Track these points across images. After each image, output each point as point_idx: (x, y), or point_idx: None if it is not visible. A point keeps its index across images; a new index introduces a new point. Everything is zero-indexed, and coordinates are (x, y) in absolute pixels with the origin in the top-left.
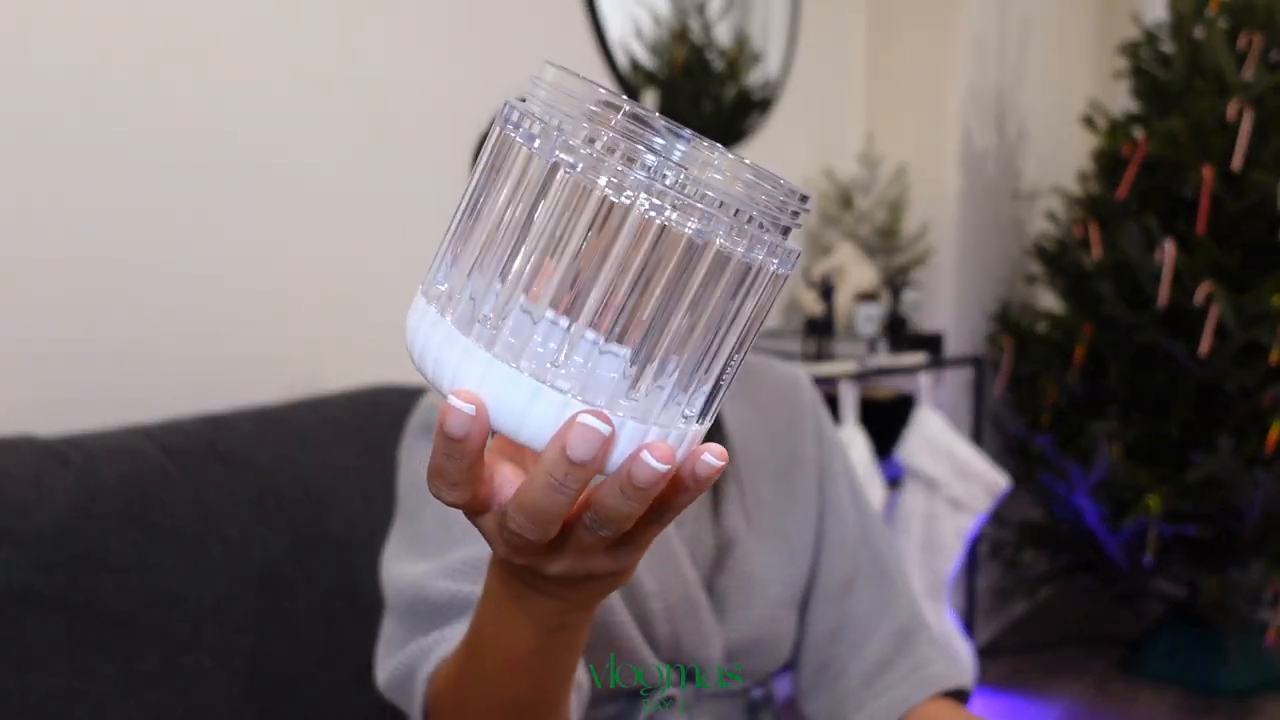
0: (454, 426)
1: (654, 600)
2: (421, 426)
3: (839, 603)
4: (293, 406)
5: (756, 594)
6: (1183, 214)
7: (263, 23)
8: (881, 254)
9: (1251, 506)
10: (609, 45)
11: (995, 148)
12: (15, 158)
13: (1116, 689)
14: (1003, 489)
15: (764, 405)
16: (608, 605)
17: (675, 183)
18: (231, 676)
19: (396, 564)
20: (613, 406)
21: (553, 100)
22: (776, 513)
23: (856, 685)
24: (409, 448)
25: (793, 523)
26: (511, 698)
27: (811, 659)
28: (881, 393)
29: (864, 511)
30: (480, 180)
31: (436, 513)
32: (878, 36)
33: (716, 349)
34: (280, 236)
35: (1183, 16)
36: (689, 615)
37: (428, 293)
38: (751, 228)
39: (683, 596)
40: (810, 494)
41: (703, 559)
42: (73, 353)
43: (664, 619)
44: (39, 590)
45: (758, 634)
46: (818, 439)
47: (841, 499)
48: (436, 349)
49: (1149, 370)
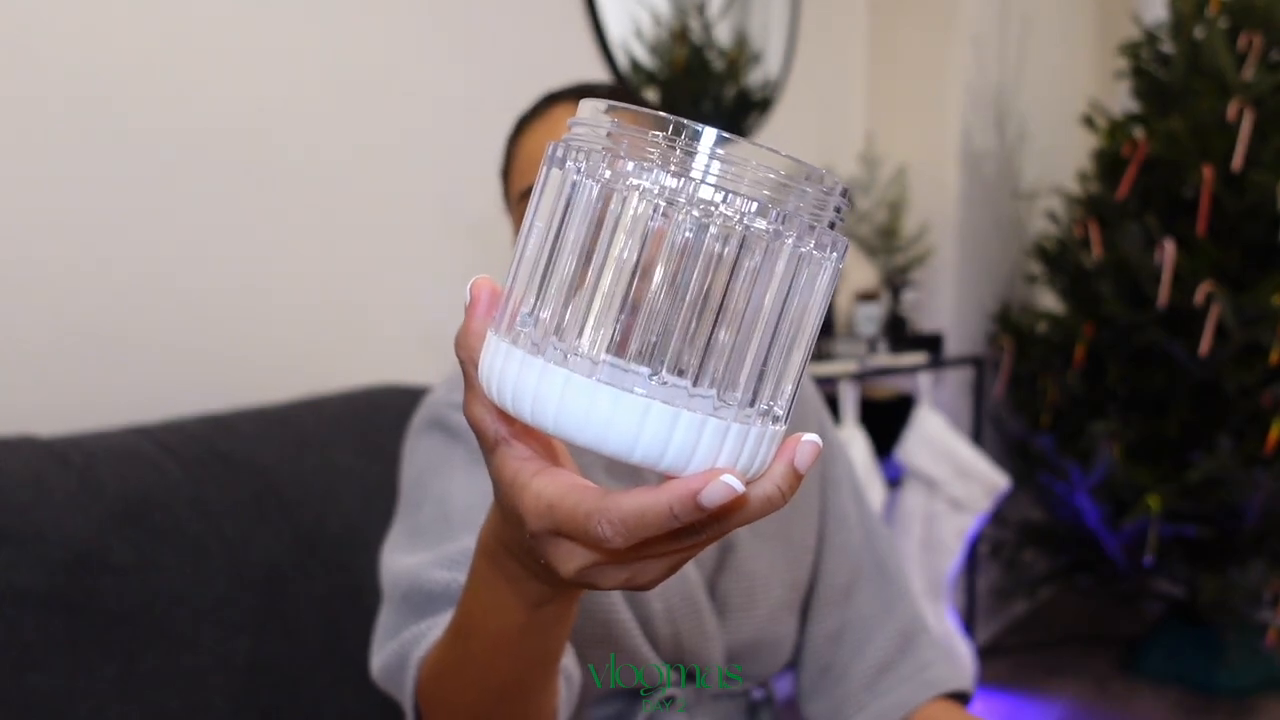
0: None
1: (655, 600)
2: (429, 423)
3: (841, 606)
4: (293, 407)
5: (759, 596)
6: (1183, 214)
7: (267, 24)
8: (882, 254)
9: (1251, 506)
10: (609, 45)
11: (995, 147)
12: (14, 158)
13: (1116, 689)
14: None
15: None
16: (609, 604)
17: (732, 191)
18: (231, 676)
19: (394, 555)
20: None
21: (599, 132)
22: (779, 515)
23: (858, 687)
24: (414, 443)
25: (795, 526)
26: (499, 680)
27: (813, 661)
28: (881, 393)
29: (866, 514)
30: (552, 223)
31: (436, 505)
32: (878, 36)
33: (789, 351)
34: (281, 237)
35: (1183, 16)
36: (690, 616)
37: (519, 340)
38: (814, 227)
39: (684, 597)
40: (812, 497)
41: (705, 560)
42: (73, 353)
43: (665, 619)
44: (39, 590)
45: (759, 635)
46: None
47: (844, 502)
48: (556, 394)
49: (1149, 370)
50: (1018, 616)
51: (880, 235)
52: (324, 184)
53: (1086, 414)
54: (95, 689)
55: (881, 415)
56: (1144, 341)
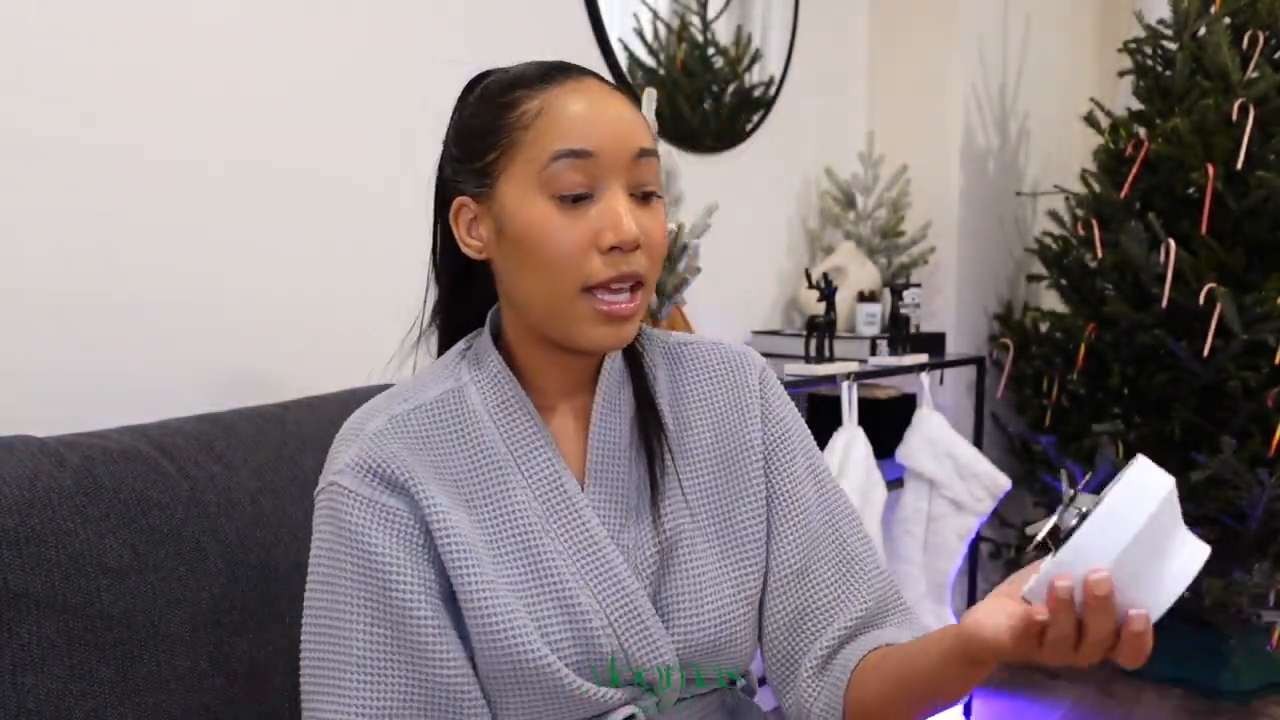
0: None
1: (594, 618)
2: (328, 504)
3: (794, 592)
4: (291, 407)
5: (708, 595)
6: (1185, 213)
7: (264, 28)
8: (882, 254)
9: (1255, 507)
10: (609, 44)
11: (997, 147)
12: (13, 160)
13: (1119, 690)
14: (1004, 490)
15: (706, 390)
16: (531, 655)
17: None
18: (229, 679)
19: (317, 699)
20: None
21: None
22: (723, 507)
23: (808, 677)
24: (316, 518)
25: (741, 516)
26: None
27: (775, 653)
28: (882, 393)
29: (827, 495)
30: None
31: (337, 645)
32: (879, 35)
33: None
34: (280, 238)
35: (1186, 15)
36: (633, 627)
37: None
38: None
39: (625, 609)
40: (757, 482)
41: (645, 565)
42: (70, 353)
43: (607, 635)
44: (35, 592)
45: (714, 636)
46: (763, 421)
47: (796, 483)
48: None
49: (1151, 370)
50: None
51: (881, 235)
52: (323, 186)
53: (1089, 414)
54: (92, 691)
55: (882, 415)
56: (1146, 341)
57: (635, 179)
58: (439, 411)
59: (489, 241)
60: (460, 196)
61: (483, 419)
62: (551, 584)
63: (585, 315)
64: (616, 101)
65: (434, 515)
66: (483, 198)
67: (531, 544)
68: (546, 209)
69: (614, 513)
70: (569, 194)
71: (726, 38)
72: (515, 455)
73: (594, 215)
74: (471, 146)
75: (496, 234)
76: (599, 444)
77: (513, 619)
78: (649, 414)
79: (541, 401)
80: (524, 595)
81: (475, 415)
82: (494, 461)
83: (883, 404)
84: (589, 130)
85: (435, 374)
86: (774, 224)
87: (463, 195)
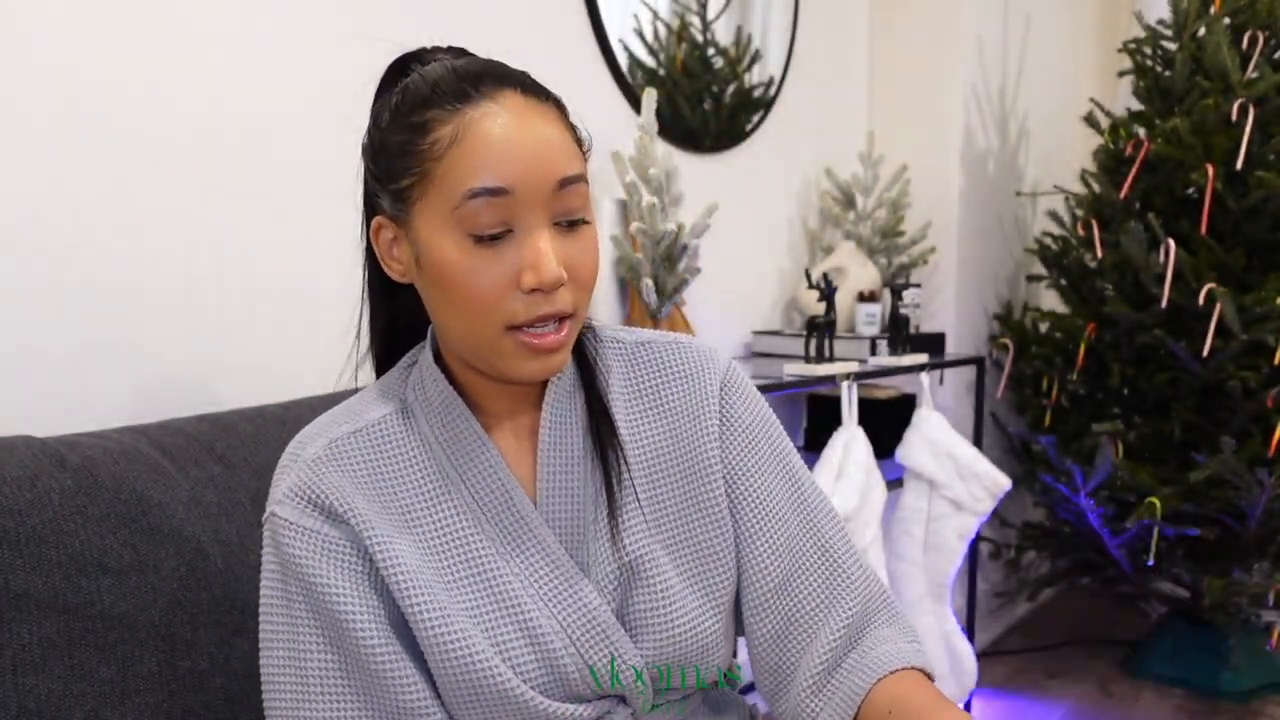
0: None
1: (554, 638)
2: (271, 534)
3: (778, 603)
4: (291, 407)
5: (675, 608)
6: (1185, 213)
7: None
8: (882, 254)
9: (1255, 507)
10: (609, 44)
11: (997, 147)
12: (13, 159)
13: (1119, 690)
14: (1004, 489)
15: (665, 396)
16: (492, 679)
17: None
18: (230, 679)
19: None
20: None
21: None
22: (683, 522)
23: (806, 694)
24: (264, 549)
25: (704, 534)
26: None
27: (764, 665)
28: (882, 393)
29: (806, 500)
30: None
31: (321, 660)
32: (879, 35)
33: None
34: (279, 237)
35: (1185, 15)
36: (598, 643)
37: None
38: None
39: (587, 626)
40: (718, 501)
41: (607, 582)
42: (71, 353)
43: (570, 654)
44: (36, 592)
45: (681, 649)
46: (723, 433)
47: (766, 494)
48: None
49: (1151, 370)
50: (1019, 618)
51: (881, 235)
52: (324, 186)
53: (1088, 414)
54: (92, 691)
55: (882, 415)
56: (1146, 341)
57: (559, 209)
58: (381, 436)
59: (409, 266)
60: (379, 215)
61: (429, 441)
62: (508, 607)
63: (510, 351)
64: (536, 120)
65: (375, 544)
66: (400, 222)
67: (484, 567)
68: (463, 247)
69: (570, 528)
70: (485, 234)
71: (726, 38)
72: (463, 477)
73: (513, 254)
74: (387, 166)
75: (415, 261)
76: (549, 459)
77: (469, 644)
78: (602, 422)
79: (487, 421)
80: (480, 619)
81: (420, 438)
82: (441, 485)
83: (883, 404)
84: (505, 165)
85: (378, 394)
86: (774, 224)
87: (383, 214)
